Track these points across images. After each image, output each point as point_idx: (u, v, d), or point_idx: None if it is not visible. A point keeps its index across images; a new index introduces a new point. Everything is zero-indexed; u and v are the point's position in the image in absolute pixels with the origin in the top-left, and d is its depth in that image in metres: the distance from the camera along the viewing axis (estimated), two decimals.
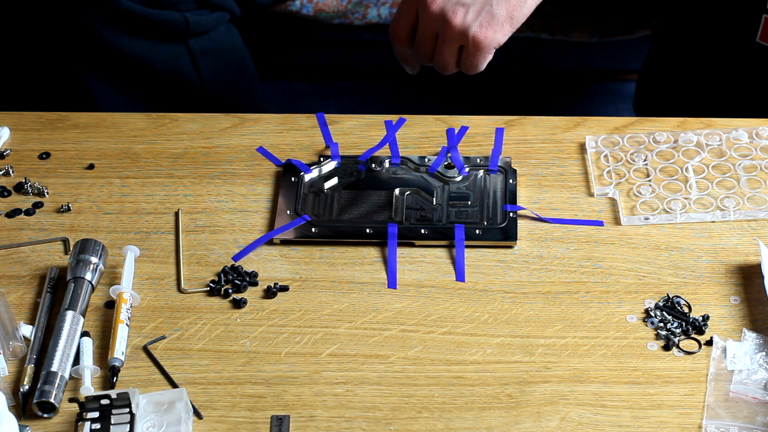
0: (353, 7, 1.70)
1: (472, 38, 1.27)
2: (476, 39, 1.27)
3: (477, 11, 1.27)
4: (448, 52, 1.29)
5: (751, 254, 1.22)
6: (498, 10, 1.27)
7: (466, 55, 1.29)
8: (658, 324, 1.16)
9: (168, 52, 1.57)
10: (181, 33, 1.56)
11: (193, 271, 1.22)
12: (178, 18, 1.54)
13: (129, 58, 1.56)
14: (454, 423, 1.09)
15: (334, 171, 1.31)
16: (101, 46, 1.56)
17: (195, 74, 1.59)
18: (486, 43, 1.28)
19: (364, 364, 1.14)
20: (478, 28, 1.27)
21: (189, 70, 1.58)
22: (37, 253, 1.24)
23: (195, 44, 1.57)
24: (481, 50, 1.28)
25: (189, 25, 1.55)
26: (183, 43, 1.57)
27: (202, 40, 1.58)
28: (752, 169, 1.29)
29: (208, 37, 1.58)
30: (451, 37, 1.28)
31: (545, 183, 1.30)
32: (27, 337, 1.16)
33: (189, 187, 1.30)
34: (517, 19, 1.29)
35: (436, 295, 1.19)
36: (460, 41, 1.28)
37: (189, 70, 1.58)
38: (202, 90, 1.60)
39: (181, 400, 1.09)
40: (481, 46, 1.28)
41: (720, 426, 1.08)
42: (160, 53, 1.57)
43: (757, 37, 1.45)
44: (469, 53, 1.29)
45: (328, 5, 1.71)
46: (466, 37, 1.27)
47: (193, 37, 1.57)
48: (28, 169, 1.33)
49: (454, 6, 1.27)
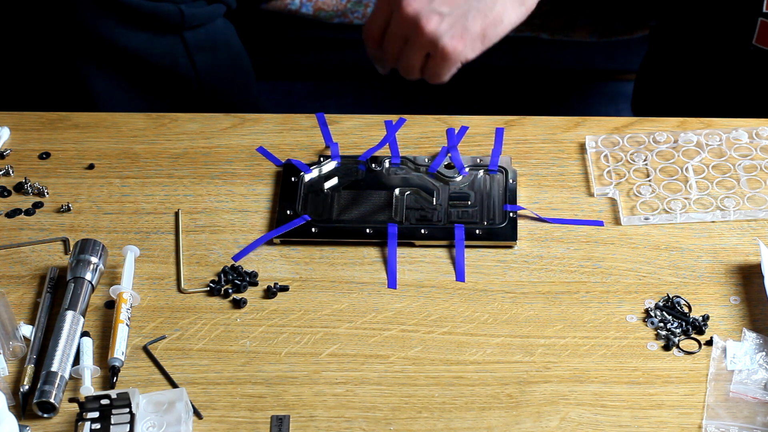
0: (353, 6, 1.70)
1: (441, 48, 1.26)
2: (445, 49, 1.26)
3: (451, 22, 1.26)
4: (414, 57, 1.29)
5: (751, 254, 1.22)
6: (472, 24, 1.27)
7: (432, 64, 1.29)
8: (658, 324, 1.16)
9: (163, 45, 1.56)
10: (177, 25, 1.55)
11: (193, 271, 1.22)
12: (173, 9, 1.53)
13: (125, 51, 1.56)
14: (454, 423, 1.09)
15: (334, 171, 1.31)
16: (97, 40, 1.55)
17: (191, 68, 1.58)
18: (454, 56, 1.27)
19: (364, 364, 1.14)
20: (449, 39, 1.26)
21: (185, 64, 1.58)
22: (37, 253, 1.24)
23: (190, 37, 1.57)
24: (447, 61, 1.27)
25: (184, 17, 1.54)
26: (178, 36, 1.56)
27: (197, 34, 1.57)
28: (752, 169, 1.29)
29: (203, 30, 1.57)
30: (420, 43, 1.27)
31: (545, 183, 1.30)
32: (27, 337, 1.16)
33: (189, 187, 1.30)
34: (489, 37, 1.28)
35: (436, 295, 1.19)
36: (427, 49, 1.28)
37: (185, 63, 1.58)
38: (198, 84, 1.59)
39: (181, 400, 1.09)
40: (448, 58, 1.27)
41: (720, 426, 1.08)
42: (156, 46, 1.56)
43: (753, 40, 1.45)
44: (436, 63, 1.28)
45: (327, 4, 1.71)
46: (435, 45, 1.27)
47: (189, 30, 1.56)
48: (28, 169, 1.33)
49: (429, 13, 1.26)
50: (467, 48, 1.27)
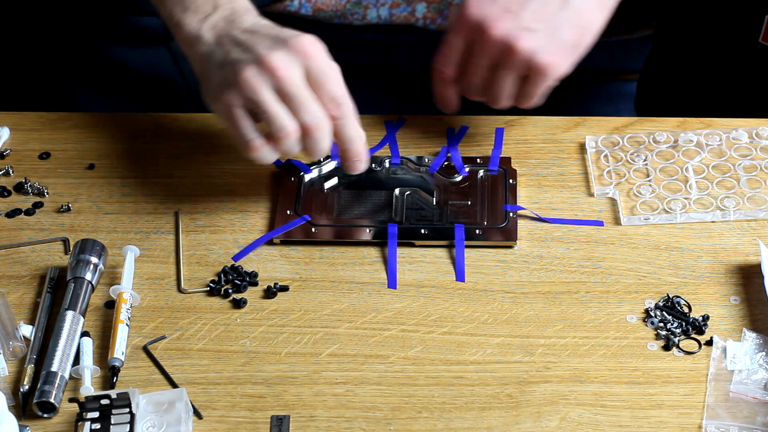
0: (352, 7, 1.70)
1: (538, 65, 1.19)
2: (542, 66, 1.19)
3: (544, 36, 1.19)
4: (507, 81, 1.21)
5: (751, 254, 1.22)
6: (565, 35, 1.20)
7: (528, 84, 1.21)
8: (658, 324, 1.16)
9: (149, 55, 1.55)
10: (162, 37, 1.54)
11: (193, 271, 1.22)
12: (157, 23, 1.52)
13: (110, 62, 1.55)
14: (454, 423, 1.09)
15: (334, 171, 1.31)
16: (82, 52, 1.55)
17: (178, 76, 1.57)
18: (551, 71, 1.20)
19: (364, 364, 1.14)
20: (545, 54, 1.19)
21: (172, 72, 1.56)
22: (37, 253, 1.24)
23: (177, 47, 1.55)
24: (545, 78, 1.20)
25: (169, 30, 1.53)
26: (164, 46, 1.55)
27: None
28: (752, 169, 1.29)
29: None
30: (514, 64, 1.20)
31: (545, 183, 1.30)
32: (27, 337, 1.16)
33: (189, 187, 1.30)
34: (581, 46, 1.22)
35: (436, 295, 1.19)
36: (523, 69, 1.20)
37: (172, 72, 1.56)
38: (186, 92, 1.59)
39: (181, 400, 1.09)
40: (546, 74, 1.20)
41: (720, 426, 1.08)
42: (141, 56, 1.55)
43: (760, 38, 1.44)
44: (532, 82, 1.21)
45: (326, 5, 1.71)
46: (532, 63, 1.19)
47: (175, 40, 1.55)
48: (28, 169, 1.33)
49: (520, 31, 1.19)
50: (564, 60, 1.21)
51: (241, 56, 1.18)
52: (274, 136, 1.18)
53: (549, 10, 1.20)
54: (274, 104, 1.17)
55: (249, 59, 1.17)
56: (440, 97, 1.28)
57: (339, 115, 1.19)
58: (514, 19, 1.19)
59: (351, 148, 1.22)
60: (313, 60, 1.18)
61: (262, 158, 1.20)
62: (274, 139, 1.18)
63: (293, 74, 1.17)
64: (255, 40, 1.19)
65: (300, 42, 1.18)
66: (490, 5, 1.20)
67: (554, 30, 1.20)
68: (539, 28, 1.19)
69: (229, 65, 1.18)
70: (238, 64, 1.17)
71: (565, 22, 1.20)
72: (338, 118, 1.20)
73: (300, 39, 1.18)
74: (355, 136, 1.21)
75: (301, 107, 1.18)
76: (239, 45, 1.19)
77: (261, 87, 1.17)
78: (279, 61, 1.17)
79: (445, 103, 1.28)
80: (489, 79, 1.23)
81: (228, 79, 1.18)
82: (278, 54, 1.17)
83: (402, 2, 1.63)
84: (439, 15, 1.65)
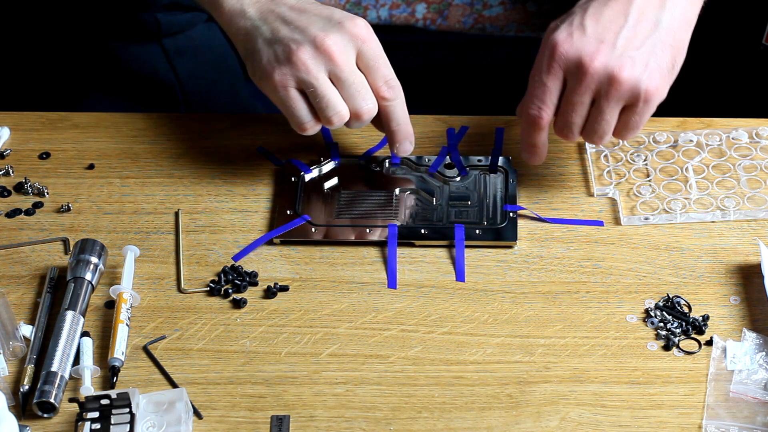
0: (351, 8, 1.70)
1: (644, 92, 1.16)
2: (648, 91, 1.16)
3: (644, 62, 1.16)
4: (611, 114, 1.17)
5: (751, 254, 1.22)
6: (663, 58, 1.17)
7: (632, 114, 1.17)
8: (658, 324, 1.16)
9: (141, 52, 1.55)
10: (153, 33, 1.54)
11: (193, 271, 1.22)
12: (148, 18, 1.51)
13: (103, 58, 1.55)
14: (454, 423, 1.09)
15: (334, 171, 1.31)
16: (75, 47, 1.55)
17: (171, 74, 1.56)
18: (656, 96, 1.17)
19: (364, 364, 1.14)
20: (649, 80, 1.16)
21: (165, 70, 1.56)
22: (37, 253, 1.24)
23: (169, 44, 1.54)
24: (650, 104, 1.17)
25: (161, 26, 1.52)
26: (156, 42, 1.55)
27: (176, 40, 1.54)
28: (752, 169, 1.29)
29: (183, 36, 1.55)
30: (618, 95, 1.16)
31: (545, 183, 1.30)
32: (27, 337, 1.16)
33: (189, 187, 1.30)
34: (677, 66, 1.19)
35: (436, 295, 1.19)
36: (627, 99, 1.17)
37: (165, 69, 1.56)
38: (180, 90, 1.58)
39: (181, 400, 1.09)
40: (651, 100, 1.17)
41: (720, 426, 1.08)
42: (133, 53, 1.55)
43: (763, 40, 1.44)
44: (637, 110, 1.17)
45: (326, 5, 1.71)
46: (637, 91, 1.16)
47: (167, 37, 1.54)
48: (28, 169, 1.33)
49: (620, 60, 1.15)
50: (665, 83, 1.18)
51: (294, 35, 1.19)
52: (325, 117, 1.21)
53: (642, 35, 1.18)
54: (329, 89, 1.20)
55: (303, 39, 1.19)
56: (531, 145, 1.22)
57: (391, 96, 1.23)
58: (611, 49, 1.16)
59: (401, 129, 1.24)
60: (366, 44, 1.21)
61: (310, 134, 1.24)
62: (324, 119, 1.21)
63: (349, 59, 1.20)
64: (306, 19, 1.20)
65: (355, 26, 1.20)
66: (582, 39, 1.17)
67: (652, 54, 1.17)
68: (638, 54, 1.16)
69: (280, 43, 1.19)
70: (293, 43, 1.19)
71: (660, 45, 1.18)
72: (390, 99, 1.23)
73: (355, 23, 1.20)
74: (405, 117, 1.24)
75: (356, 94, 1.21)
76: (288, 23, 1.20)
77: (317, 69, 1.19)
78: (335, 44, 1.19)
79: (537, 152, 1.23)
80: (589, 115, 1.19)
81: (280, 57, 1.19)
82: (334, 37, 1.19)
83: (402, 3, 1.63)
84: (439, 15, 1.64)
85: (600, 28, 1.17)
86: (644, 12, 1.18)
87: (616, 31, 1.17)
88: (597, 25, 1.17)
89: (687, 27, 1.20)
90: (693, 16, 1.21)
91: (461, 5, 1.59)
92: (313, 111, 1.22)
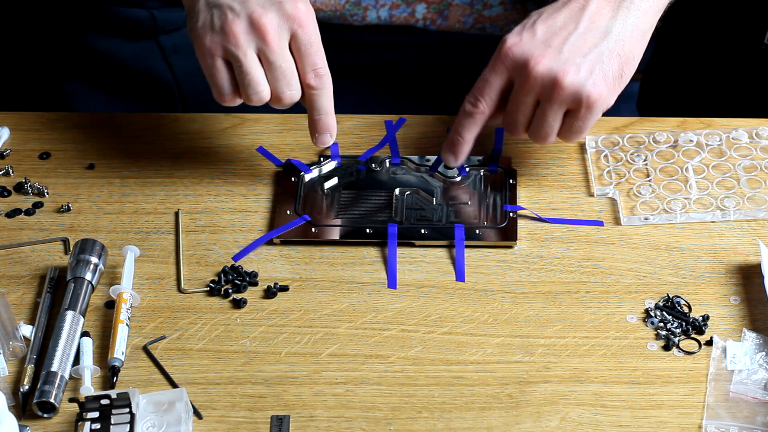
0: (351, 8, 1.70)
1: (586, 98, 1.16)
2: (590, 98, 1.17)
3: (589, 68, 1.17)
4: (553, 117, 1.18)
5: (751, 254, 1.22)
6: (610, 66, 1.18)
7: (576, 119, 1.18)
8: (658, 324, 1.16)
9: (137, 49, 1.55)
10: (149, 30, 1.53)
11: (193, 271, 1.22)
12: (144, 15, 1.51)
13: (99, 55, 1.54)
14: (454, 423, 1.09)
15: (334, 171, 1.31)
16: (72, 45, 1.54)
17: (168, 71, 1.56)
18: (600, 103, 1.17)
19: (364, 364, 1.14)
20: (592, 86, 1.16)
21: (161, 67, 1.56)
22: (37, 253, 1.24)
23: (166, 41, 1.53)
24: (593, 111, 1.18)
25: (156, 22, 1.51)
26: (153, 40, 1.54)
27: (173, 37, 1.54)
28: (752, 169, 1.29)
29: (179, 33, 1.54)
30: (560, 99, 1.17)
31: (545, 183, 1.30)
32: (27, 337, 1.16)
33: (189, 187, 1.30)
34: (626, 77, 1.20)
35: (436, 295, 1.19)
36: (569, 103, 1.18)
37: (161, 67, 1.56)
38: (177, 88, 1.58)
39: (181, 400, 1.09)
40: (594, 106, 1.17)
41: (720, 426, 1.08)
42: (129, 50, 1.54)
43: (765, 40, 1.45)
44: (580, 115, 1.18)
45: (325, 5, 1.71)
46: (579, 97, 1.17)
47: (163, 33, 1.54)
48: (28, 169, 1.33)
49: (564, 65, 1.16)
50: (610, 92, 1.18)
51: (233, 4, 1.19)
52: (245, 94, 1.21)
53: (590, 42, 1.18)
54: (255, 66, 1.19)
55: (241, 11, 1.18)
56: (456, 138, 1.23)
57: (317, 86, 1.22)
58: (557, 54, 1.17)
59: (322, 120, 1.24)
60: (303, 28, 1.20)
61: (228, 105, 1.23)
62: (245, 96, 1.21)
63: (281, 41, 1.19)
64: None
65: (295, 8, 1.19)
66: (530, 42, 1.18)
67: (598, 62, 1.18)
68: (583, 61, 1.17)
69: (219, 9, 1.19)
70: (230, 12, 1.19)
71: (608, 53, 1.18)
72: (316, 88, 1.22)
73: (296, 5, 1.19)
74: (329, 108, 1.24)
75: (281, 78, 1.20)
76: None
77: (247, 45, 1.19)
78: (270, 23, 1.18)
79: (458, 148, 1.24)
80: (534, 116, 1.20)
81: (215, 23, 1.19)
82: (271, 15, 1.18)
83: (402, 3, 1.63)
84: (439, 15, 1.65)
85: (550, 32, 1.18)
86: (595, 21, 1.19)
87: (565, 37, 1.18)
88: (547, 30, 1.19)
89: (640, 38, 1.21)
90: (647, 28, 1.22)
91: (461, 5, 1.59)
92: (235, 84, 1.21)
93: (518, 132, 1.22)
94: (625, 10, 1.20)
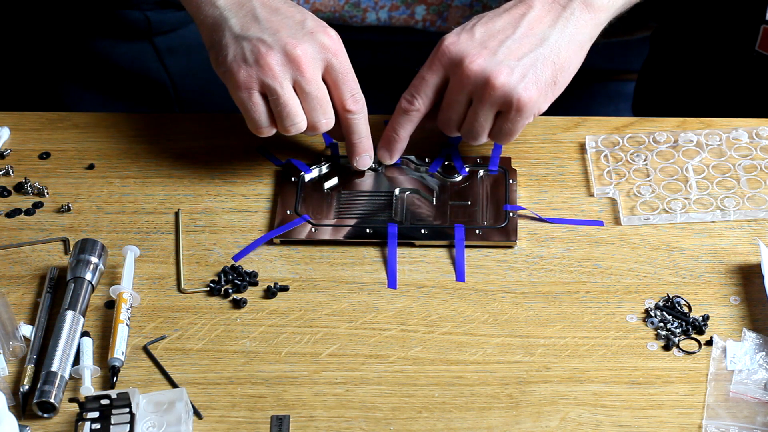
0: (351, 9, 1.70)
1: (517, 101, 1.18)
2: (521, 101, 1.18)
3: (522, 72, 1.19)
4: (485, 116, 1.21)
5: (751, 254, 1.22)
6: (543, 72, 1.20)
7: (505, 121, 1.20)
8: (658, 324, 1.16)
9: (132, 51, 1.55)
10: (144, 31, 1.54)
11: (193, 271, 1.22)
12: (138, 16, 1.51)
13: (94, 57, 1.54)
14: (454, 423, 1.09)
15: (334, 171, 1.31)
16: (67, 46, 1.54)
17: (163, 72, 1.56)
18: (530, 106, 1.19)
19: (364, 364, 1.14)
20: (523, 90, 1.18)
21: (156, 69, 1.56)
22: (37, 253, 1.24)
23: (160, 42, 1.54)
24: (522, 114, 1.20)
25: (151, 24, 1.52)
26: (147, 41, 1.54)
27: (168, 38, 1.55)
28: (752, 169, 1.29)
29: (175, 35, 1.55)
30: (491, 99, 1.19)
31: (545, 183, 1.30)
32: (27, 337, 1.16)
33: (189, 187, 1.30)
34: (560, 84, 1.22)
35: (436, 295, 1.19)
36: (500, 105, 1.20)
37: (156, 68, 1.56)
38: (172, 88, 1.58)
39: (181, 400, 1.09)
40: (524, 109, 1.19)
41: (720, 426, 1.08)
42: (124, 52, 1.54)
43: (756, 46, 1.45)
44: (510, 118, 1.20)
45: (325, 5, 1.71)
46: (510, 99, 1.19)
47: (158, 35, 1.54)
48: (28, 169, 1.33)
49: (497, 66, 1.18)
50: (541, 97, 1.20)
51: (264, 36, 1.20)
52: (282, 125, 1.22)
53: (526, 47, 1.21)
54: (292, 98, 1.21)
55: (274, 43, 1.19)
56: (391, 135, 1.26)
57: (356, 110, 1.24)
58: (491, 55, 1.20)
59: (362, 143, 1.26)
60: (337, 57, 1.22)
61: (264, 136, 1.24)
62: (282, 127, 1.22)
63: (316, 71, 1.21)
64: (278, 21, 1.21)
65: (328, 37, 1.21)
66: (467, 42, 1.21)
67: (531, 67, 1.20)
68: (517, 65, 1.19)
69: (250, 42, 1.20)
70: (262, 45, 1.19)
71: (543, 60, 1.20)
72: (354, 112, 1.24)
73: (328, 34, 1.21)
74: (367, 130, 1.26)
75: (317, 107, 1.22)
76: (259, 21, 1.21)
77: (283, 77, 1.20)
78: (305, 55, 1.20)
79: (393, 146, 1.26)
80: (466, 114, 1.22)
81: (247, 56, 1.19)
82: (305, 46, 1.20)
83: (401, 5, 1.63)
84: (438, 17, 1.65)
85: (487, 35, 1.21)
86: (534, 27, 1.21)
87: (502, 40, 1.20)
88: (485, 32, 1.21)
89: (577, 48, 1.23)
90: (586, 39, 1.24)
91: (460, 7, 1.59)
92: (271, 115, 1.22)
93: (451, 130, 1.24)
94: (564, 20, 1.22)
